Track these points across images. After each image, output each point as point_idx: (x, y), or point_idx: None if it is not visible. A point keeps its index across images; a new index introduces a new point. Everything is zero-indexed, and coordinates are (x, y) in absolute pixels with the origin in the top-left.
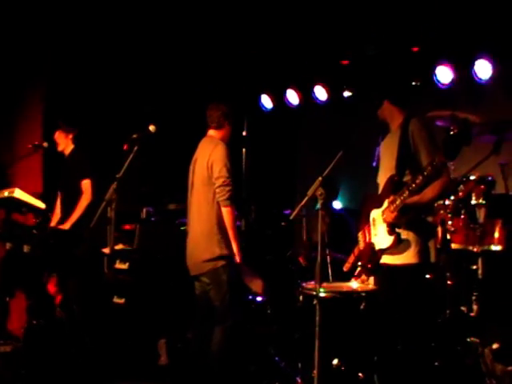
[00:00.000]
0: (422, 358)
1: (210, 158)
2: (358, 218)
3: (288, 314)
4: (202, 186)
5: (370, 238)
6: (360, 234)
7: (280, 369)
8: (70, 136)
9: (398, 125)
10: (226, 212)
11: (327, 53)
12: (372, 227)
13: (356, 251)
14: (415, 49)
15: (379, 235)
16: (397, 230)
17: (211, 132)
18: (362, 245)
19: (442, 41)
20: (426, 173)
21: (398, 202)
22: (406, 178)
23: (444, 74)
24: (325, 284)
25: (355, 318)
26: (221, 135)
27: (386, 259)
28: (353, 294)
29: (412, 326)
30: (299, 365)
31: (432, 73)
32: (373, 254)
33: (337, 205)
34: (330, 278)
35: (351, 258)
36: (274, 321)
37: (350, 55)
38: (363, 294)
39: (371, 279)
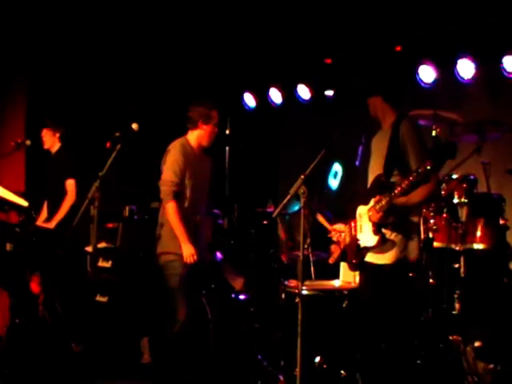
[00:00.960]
0: (404, 357)
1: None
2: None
3: (271, 311)
4: None
5: (355, 233)
6: (346, 227)
7: (263, 367)
8: (57, 135)
9: (389, 124)
10: (166, 208)
11: (310, 52)
12: (358, 223)
13: (341, 244)
14: (398, 48)
15: (364, 233)
16: (382, 230)
17: (188, 132)
18: (347, 238)
19: (425, 40)
20: (411, 178)
21: (383, 203)
22: (394, 179)
23: (426, 74)
24: (307, 282)
25: (337, 316)
26: (195, 135)
27: (370, 258)
28: (335, 292)
29: (394, 325)
30: (282, 362)
31: (415, 72)
32: (357, 249)
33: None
34: (313, 276)
35: (336, 251)
36: (257, 319)
37: (333, 54)
38: (345, 293)
39: (351, 275)
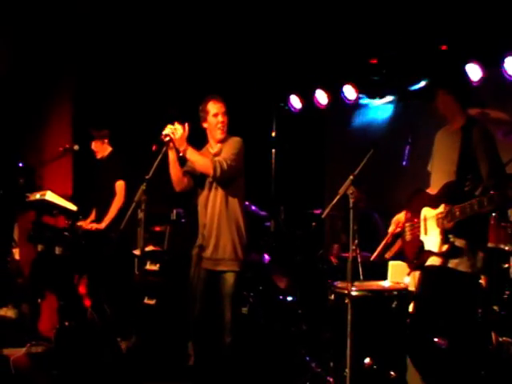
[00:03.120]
0: (463, 358)
1: None
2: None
3: (319, 313)
4: None
5: (419, 234)
6: (407, 225)
7: (311, 368)
8: (106, 141)
9: (459, 126)
10: None
11: (356, 52)
12: (422, 224)
13: (401, 241)
14: (444, 47)
15: (430, 237)
16: (451, 238)
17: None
18: (408, 236)
19: (471, 38)
20: (492, 201)
21: (457, 214)
22: (466, 188)
23: (473, 72)
24: (356, 283)
25: (387, 317)
26: (208, 133)
27: (434, 261)
28: (384, 292)
29: (455, 328)
30: (331, 364)
31: (461, 72)
32: (420, 251)
33: None
34: (361, 276)
35: (395, 246)
36: (305, 320)
37: (378, 54)
38: (395, 293)
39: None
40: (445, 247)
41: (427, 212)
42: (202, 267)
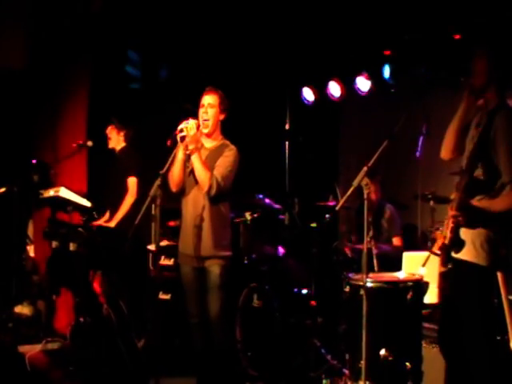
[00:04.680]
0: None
1: None
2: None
3: (334, 305)
4: None
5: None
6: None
7: (327, 360)
8: (122, 133)
9: (488, 109)
10: None
11: (369, 43)
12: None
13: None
14: (457, 36)
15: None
16: (461, 229)
17: None
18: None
19: (485, 27)
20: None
21: (456, 202)
22: (476, 173)
23: None
24: (371, 274)
25: (402, 308)
26: None
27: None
28: (399, 283)
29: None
30: (346, 356)
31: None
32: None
33: None
34: (376, 268)
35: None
36: (320, 313)
37: (392, 45)
38: (410, 284)
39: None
40: (449, 237)
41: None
42: (188, 265)
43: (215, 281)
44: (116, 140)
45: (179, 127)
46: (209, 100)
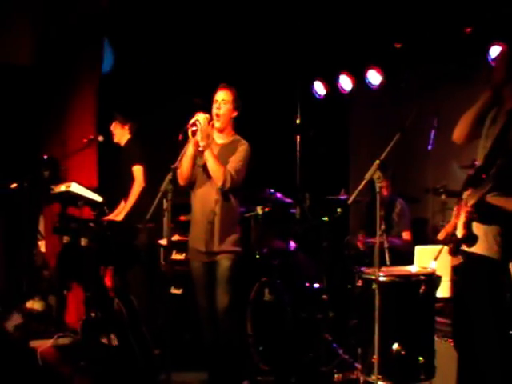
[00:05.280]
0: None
1: None
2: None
3: (345, 299)
4: None
5: (457, 219)
6: (455, 209)
7: (339, 355)
8: (127, 127)
9: (508, 108)
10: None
11: (380, 36)
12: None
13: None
14: (468, 30)
15: (460, 221)
16: (473, 224)
17: None
18: (453, 220)
19: (496, 21)
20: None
21: (472, 199)
22: (493, 170)
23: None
24: (383, 268)
25: (415, 302)
26: None
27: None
28: (412, 277)
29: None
30: (359, 350)
31: (486, 54)
32: (452, 235)
33: None
34: (388, 262)
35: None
36: (332, 307)
37: (404, 38)
38: (422, 278)
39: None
40: (462, 232)
41: (465, 196)
42: (198, 260)
43: (224, 274)
44: (121, 134)
45: (190, 121)
46: (223, 96)
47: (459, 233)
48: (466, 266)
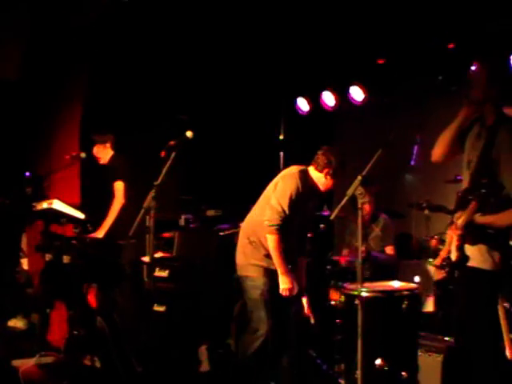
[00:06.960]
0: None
1: (279, 177)
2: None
3: (327, 315)
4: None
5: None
6: (448, 233)
7: (322, 370)
8: (108, 144)
9: (490, 123)
10: (269, 240)
11: (363, 53)
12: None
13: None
14: (451, 45)
15: (452, 246)
16: (465, 245)
17: (311, 167)
18: (447, 244)
19: (478, 37)
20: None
21: (460, 221)
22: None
23: None
24: (366, 284)
25: (398, 317)
26: (317, 176)
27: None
28: (395, 292)
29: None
30: (342, 366)
31: (469, 70)
32: (448, 258)
33: None
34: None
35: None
36: (315, 323)
37: (386, 54)
38: (405, 293)
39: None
40: (455, 255)
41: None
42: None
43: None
44: (104, 153)
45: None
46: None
47: (453, 256)
48: (462, 280)
